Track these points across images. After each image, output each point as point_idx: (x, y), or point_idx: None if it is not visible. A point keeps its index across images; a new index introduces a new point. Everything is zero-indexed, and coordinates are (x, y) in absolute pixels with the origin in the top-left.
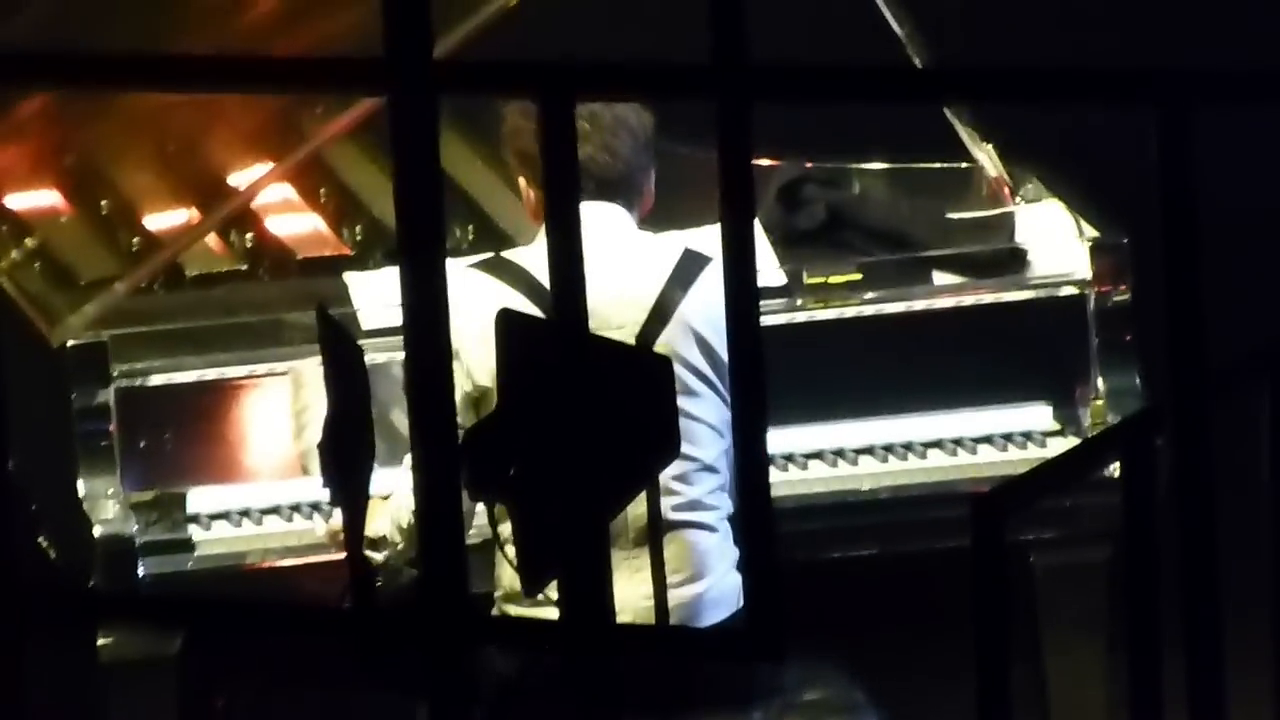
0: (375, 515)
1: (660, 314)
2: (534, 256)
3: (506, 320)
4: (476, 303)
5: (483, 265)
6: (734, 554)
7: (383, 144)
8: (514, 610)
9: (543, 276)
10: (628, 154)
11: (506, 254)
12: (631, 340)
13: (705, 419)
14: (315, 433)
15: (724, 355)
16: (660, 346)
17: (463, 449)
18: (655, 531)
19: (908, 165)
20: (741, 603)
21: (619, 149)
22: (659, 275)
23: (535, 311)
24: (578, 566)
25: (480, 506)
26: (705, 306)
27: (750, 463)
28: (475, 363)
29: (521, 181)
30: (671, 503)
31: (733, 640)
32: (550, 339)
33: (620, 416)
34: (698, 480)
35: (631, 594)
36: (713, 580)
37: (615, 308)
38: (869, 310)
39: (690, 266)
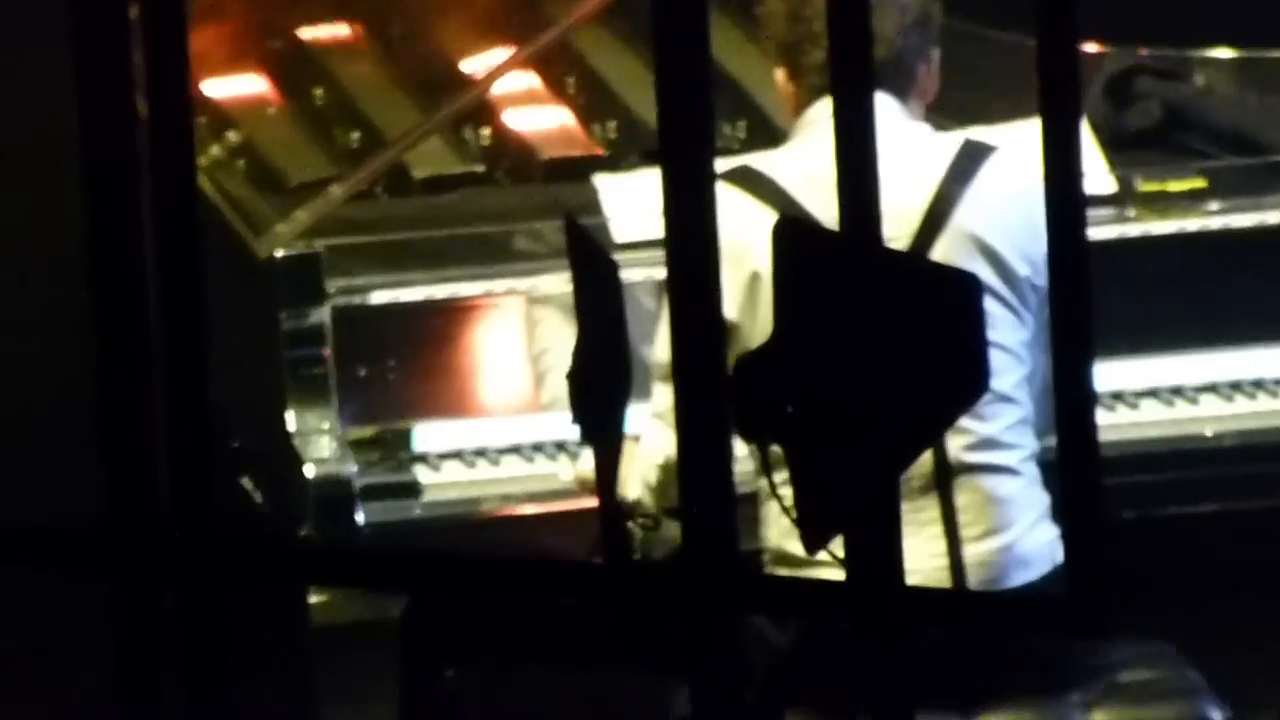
0: (628, 462)
1: (934, 221)
2: (786, 164)
3: (783, 233)
4: (722, 219)
5: (724, 177)
6: (1042, 502)
7: (641, 27)
8: (786, 573)
9: (795, 189)
10: (893, 33)
11: (751, 162)
12: None
13: (999, 341)
14: (561, 361)
15: (1017, 265)
16: (936, 260)
17: (732, 384)
18: (944, 476)
19: (1258, 55)
20: (1055, 563)
21: (883, 27)
22: (932, 175)
23: None
24: (866, 520)
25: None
26: (990, 208)
27: (1072, 400)
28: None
29: (779, 75)
30: (962, 442)
31: (1046, 609)
32: (834, 255)
33: (917, 345)
34: (993, 414)
35: (919, 552)
36: (1017, 533)
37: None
38: (1214, 223)
39: (970, 161)
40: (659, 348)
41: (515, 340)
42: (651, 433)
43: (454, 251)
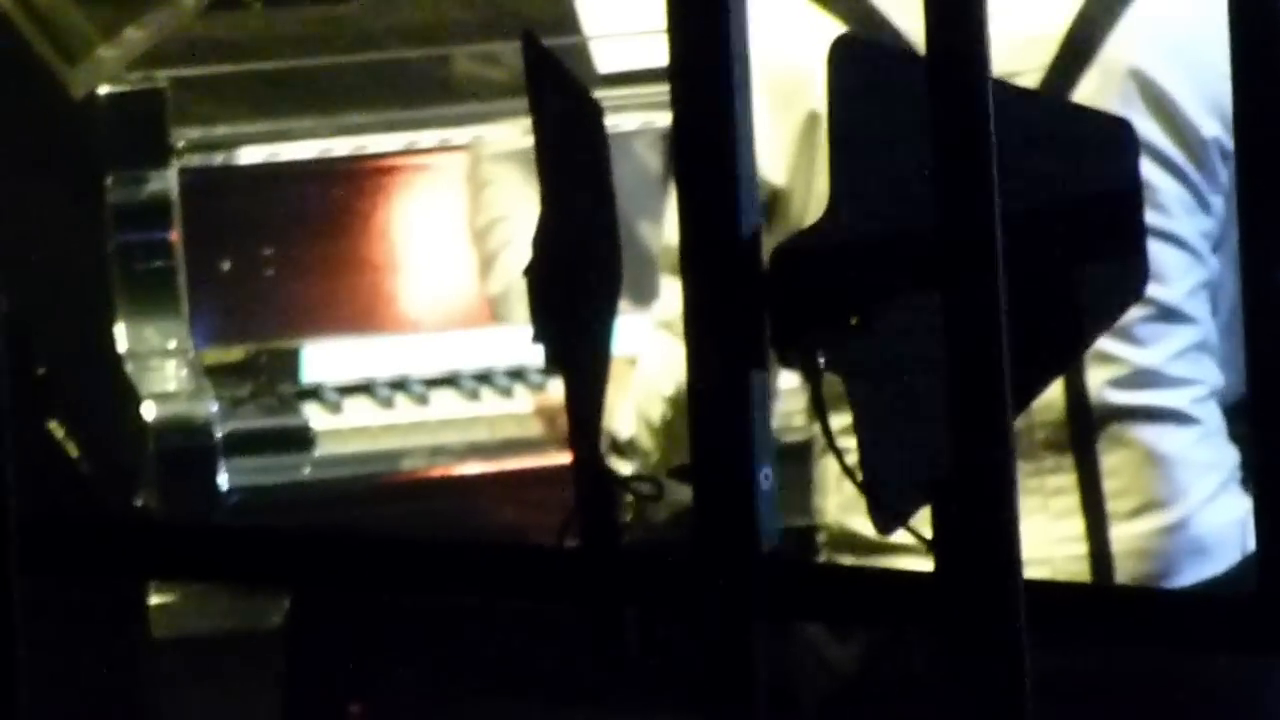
0: (620, 394)
1: (1077, 50)
2: None
3: (846, 54)
4: (770, 42)
5: None
6: (1227, 464)
7: None
8: (850, 561)
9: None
10: None
11: None
12: None
13: (1168, 229)
14: (517, 251)
15: (1201, 119)
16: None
17: (770, 280)
18: (1083, 425)
19: None
20: (1246, 550)
21: None
22: None
23: None
24: (966, 486)
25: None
26: (1162, 34)
27: (1269, 322)
28: (763, 144)
29: None
30: (1109, 375)
31: (1232, 615)
32: (921, 90)
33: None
34: (1156, 335)
35: (1045, 534)
36: (1189, 508)
37: (1001, 46)
38: None
39: None
40: (666, 227)
41: (449, 219)
42: (656, 350)
43: (362, 87)
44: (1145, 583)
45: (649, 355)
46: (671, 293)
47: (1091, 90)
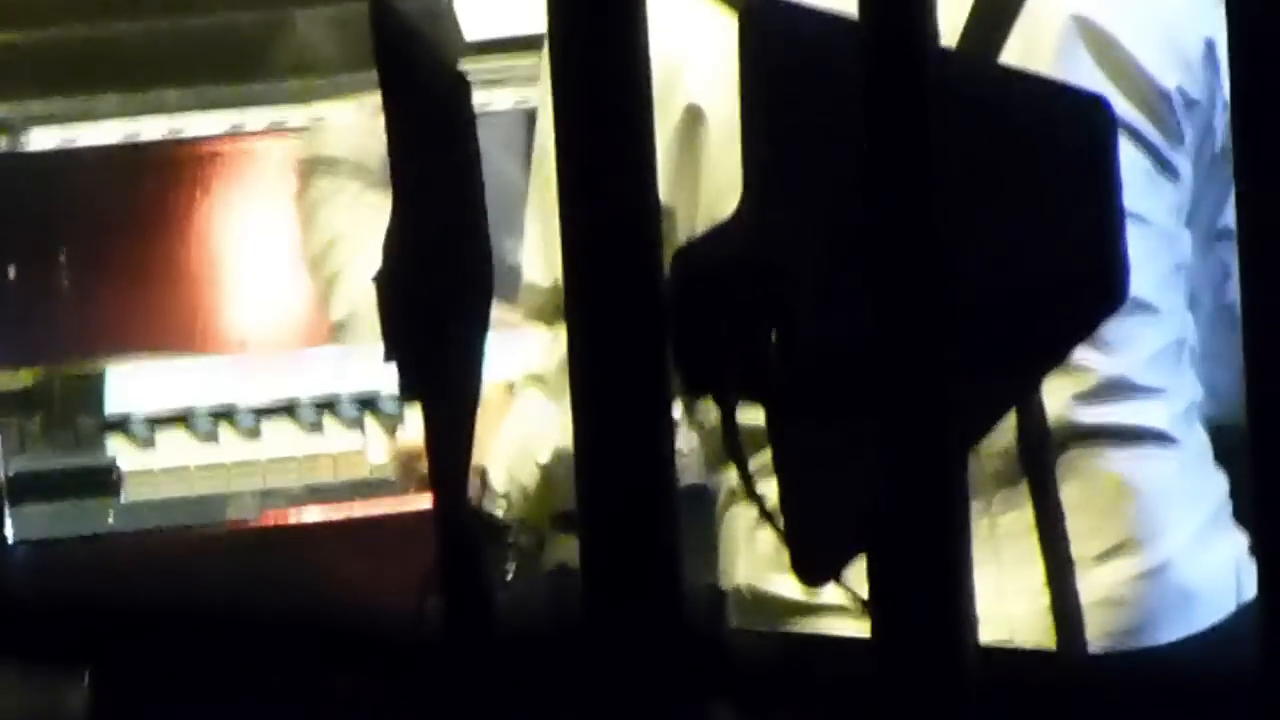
0: (492, 426)
1: (998, 3)
2: None
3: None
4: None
5: None
6: (1216, 492)
7: None
8: (763, 628)
9: None
10: None
11: None
12: None
13: (1127, 208)
14: (359, 270)
15: (1159, 69)
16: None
17: (669, 294)
18: (1039, 451)
19: None
20: (1241, 600)
21: None
22: None
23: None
24: (905, 532)
25: (699, 417)
26: None
27: (1268, 319)
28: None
29: None
30: (1070, 389)
31: (1226, 682)
32: (849, 59)
33: (991, 217)
34: (1123, 337)
35: (1000, 586)
36: (1170, 548)
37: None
38: None
39: None
40: (526, 256)
41: (281, 216)
42: (528, 410)
43: (177, 58)
44: (1120, 640)
45: (519, 414)
46: (539, 343)
47: (1022, 47)
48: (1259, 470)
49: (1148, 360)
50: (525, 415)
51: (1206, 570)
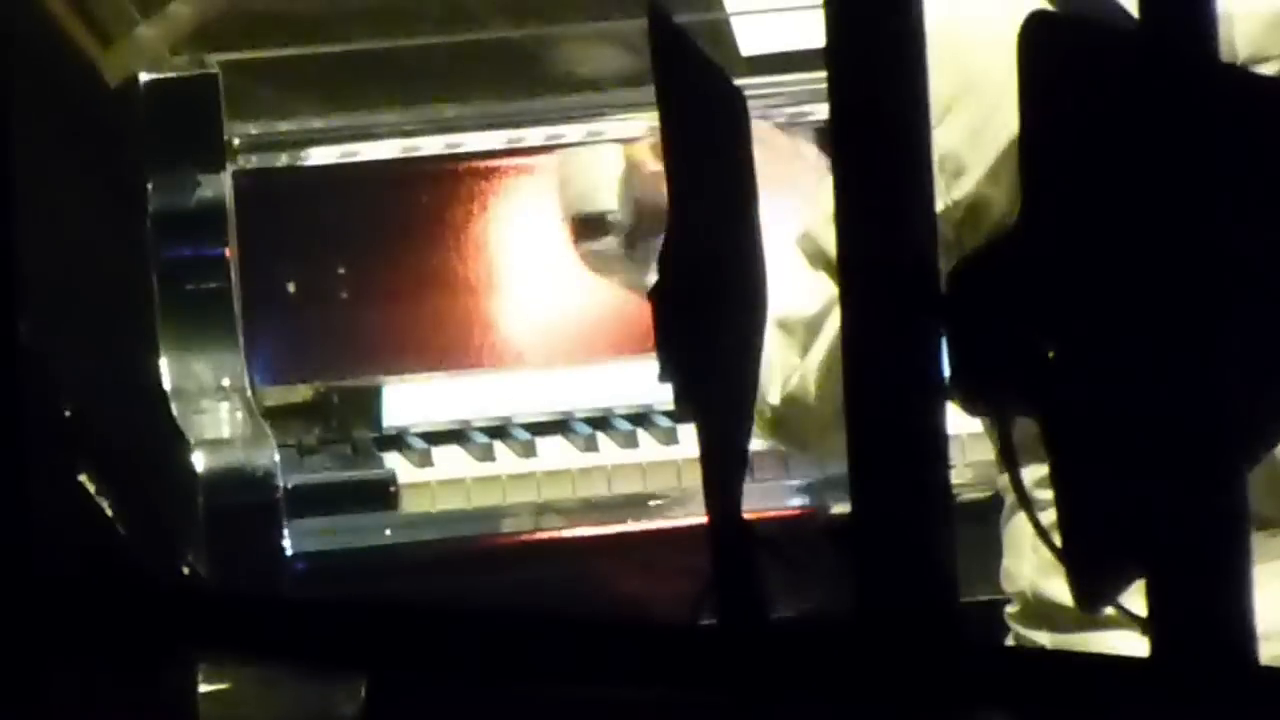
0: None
1: None
2: None
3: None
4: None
5: None
6: None
7: None
8: (1045, 639)
9: None
10: None
11: None
12: None
13: None
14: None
15: None
16: None
17: (943, 306)
18: None
19: None
20: None
21: None
22: None
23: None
24: (1188, 554)
25: (968, 428)
26: None
27: None
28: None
29: None
30: None
31: None
32: (1139, 76)
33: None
34: None
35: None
36: None
37: (1247, 26)
38: None
39: None
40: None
41: (559, 232)
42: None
43: (454, 73)
44: None
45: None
46: (802, 288)
47: None
48: None
49: None
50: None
51: None
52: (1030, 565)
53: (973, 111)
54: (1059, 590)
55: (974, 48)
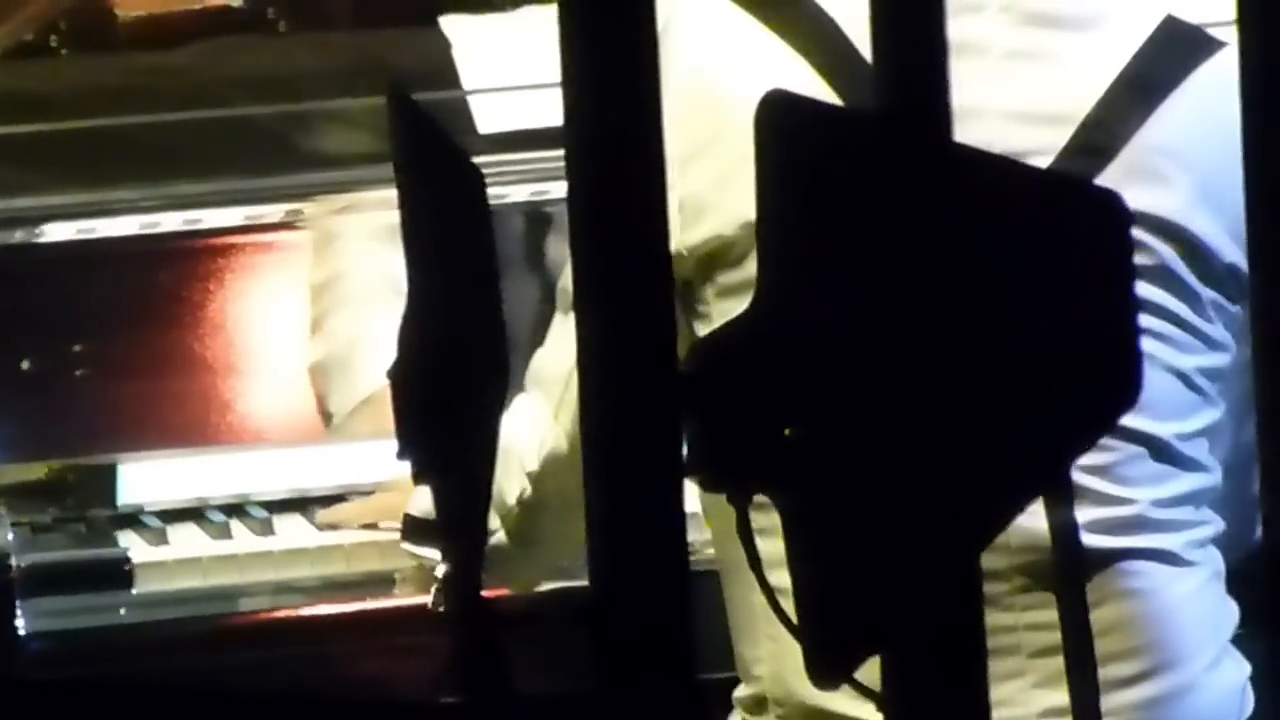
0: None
1: (1096, 138)
2: None
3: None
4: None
5: None
6: (1228, 622)
7: None
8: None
9: (856, 28)
10: None
11: None
12: None
13: (1174, 365)
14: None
15: (1224, 245)
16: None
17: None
18: (1071, 567)
19: None
20: None
21: None
22: (1105, 65)
23: (833, 100)
24: (924, 635)
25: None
26: (1195, 135)
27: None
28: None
29: None
30: (1095, 515)
31: None
32: (876, 154)
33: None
34: (1154, 476)
35: (1021, 705)
36: (1193, 673)
37: (1010, 122)
38: None
39: (1171, 53)
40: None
41: (299, 309)
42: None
43: (194, 150)
44: None
45: (513, 416)
46: (557, 340)
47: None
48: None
49: (1175, 499)
50: (521, 418)
51: (1220, 696)
52: (771, 648)
53: (720, 160)
54: (794, 678)
55: (723, 99)
